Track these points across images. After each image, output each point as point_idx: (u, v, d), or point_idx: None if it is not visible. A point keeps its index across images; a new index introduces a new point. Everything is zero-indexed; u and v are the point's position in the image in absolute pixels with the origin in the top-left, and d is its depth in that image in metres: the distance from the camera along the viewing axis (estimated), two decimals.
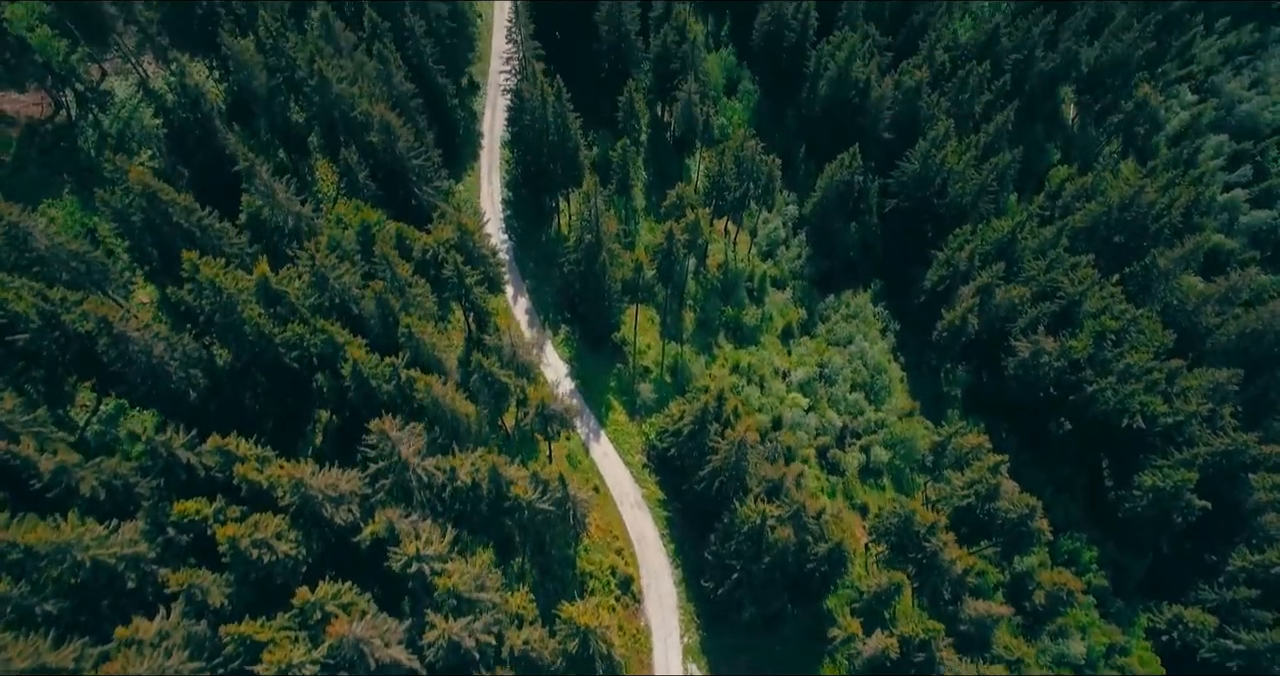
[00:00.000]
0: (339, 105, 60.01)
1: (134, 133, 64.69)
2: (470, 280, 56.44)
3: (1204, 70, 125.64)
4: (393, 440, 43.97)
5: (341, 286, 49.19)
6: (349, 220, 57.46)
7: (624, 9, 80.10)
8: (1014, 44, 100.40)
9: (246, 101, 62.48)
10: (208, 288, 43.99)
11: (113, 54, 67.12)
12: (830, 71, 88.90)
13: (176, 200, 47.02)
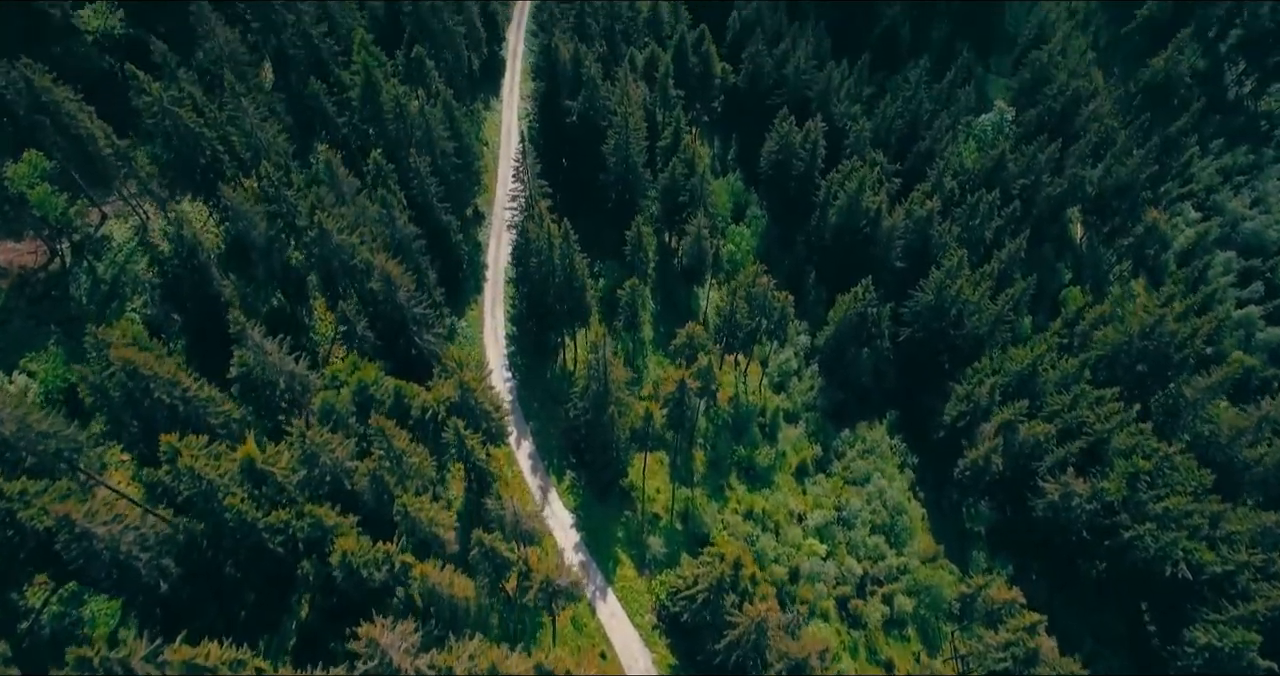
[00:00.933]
0: (339, 254, 57.92)
1: (128, 279, 62.56)
2: (472, 442, 52.86)
3: (1204, 189, 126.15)
4: (383, 646, 39.34)
5: (333, 463, 45.51)
6: (345, 378, 54.39)
7: (631, 142, 79.61)
8: (1020, 169, 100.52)
9: (245, 247, 60.43)
10: (186, 475, 40.35)
11: (114, 197, 65.76)
12: (840, 201, 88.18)
13: (159, 372, 43.89)
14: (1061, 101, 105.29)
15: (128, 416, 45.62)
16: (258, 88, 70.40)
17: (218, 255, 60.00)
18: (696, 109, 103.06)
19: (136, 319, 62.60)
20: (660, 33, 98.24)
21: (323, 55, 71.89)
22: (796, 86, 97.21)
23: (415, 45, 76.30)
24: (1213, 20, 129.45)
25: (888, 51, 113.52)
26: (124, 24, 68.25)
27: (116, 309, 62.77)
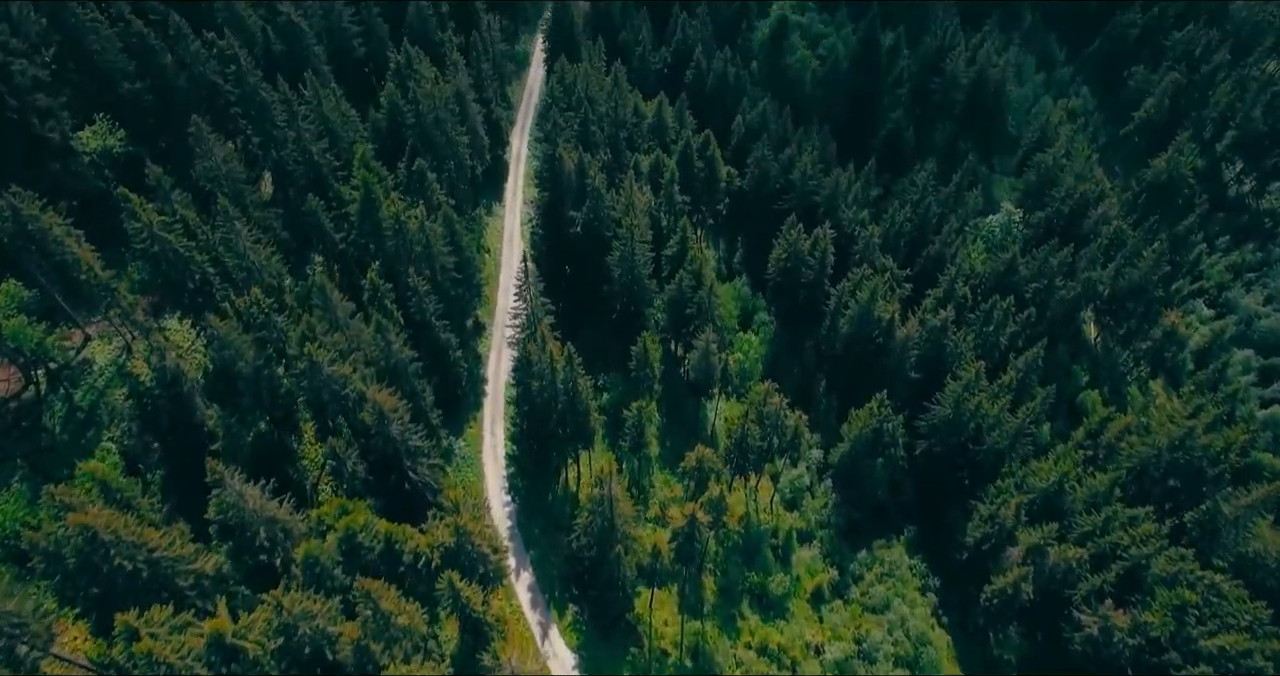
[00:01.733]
0: (330, 384, 54.68)
1: (106, 407, 59.17)
2: (468, 594, 48.41)
3: (1215, 286, 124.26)
4: None
5: (314, 631, 41.04)
6: (331, 522, 50.36)
7: (637, 253, 77.59)
8: (1031, 272, 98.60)
9: (231, 377, 57.23)
10: (143, 659, 35.91)
11: (99, 318, 63.01)
12: (852, 311, 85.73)
13: (123, 535, 39.90)
14: (1070, 204, 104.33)
15: (83, 581, 41.38)
16: (255, 203, 68.65)
17: (202, 384, 56.68)
18: (701, 211, 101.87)
19: (113, 449, 59.04)
20: (665, 137, 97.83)
21: (322, 171, 70.45)
22: (803, 192, 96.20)
23: (417, 158, 75.11)
24: (1207, 122, 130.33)
25: (892, 153, 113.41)
26: (123, 142, 66.99)
27: (93, 438, 59.22)
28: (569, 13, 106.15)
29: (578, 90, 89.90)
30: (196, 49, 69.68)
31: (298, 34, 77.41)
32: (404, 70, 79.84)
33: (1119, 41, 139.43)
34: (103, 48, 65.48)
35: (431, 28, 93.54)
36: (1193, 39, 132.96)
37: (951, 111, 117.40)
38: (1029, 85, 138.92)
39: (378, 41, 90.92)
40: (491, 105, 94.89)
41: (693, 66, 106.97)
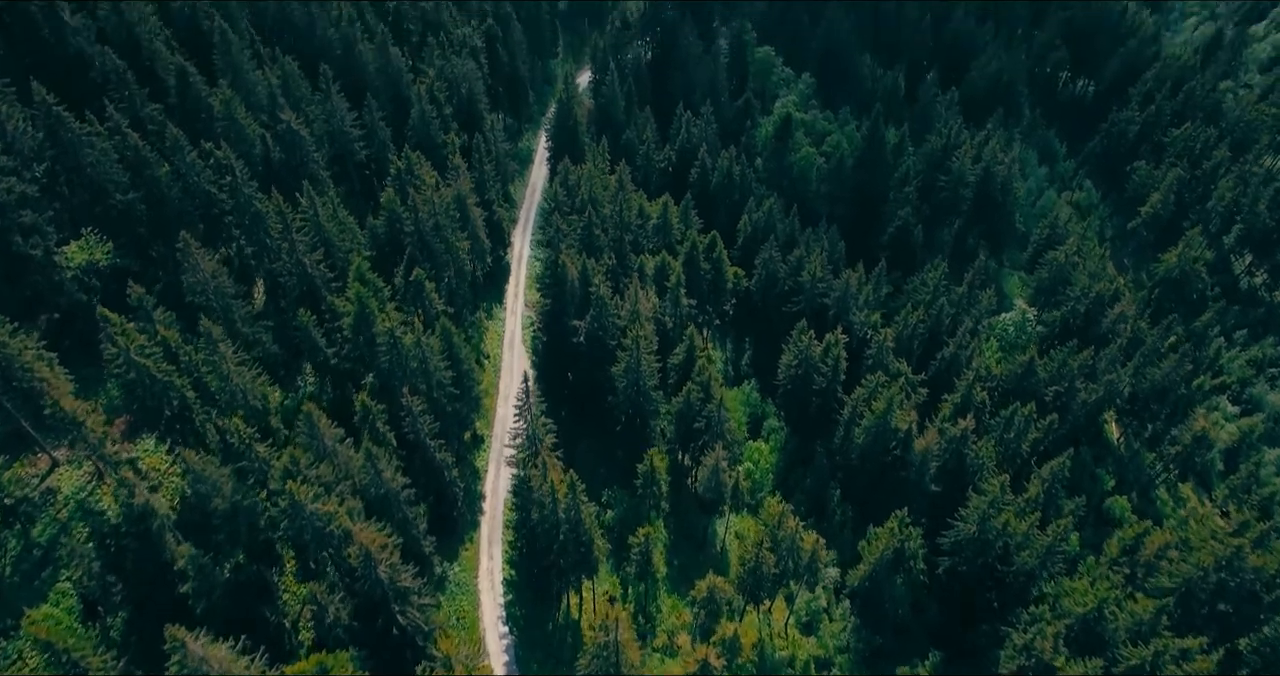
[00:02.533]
0: (313, 521, 50.28)
1: (67, 543, 54.47)
2: None
3: (1237, 381, 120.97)
4: None
5: None
6: None
7: (642, 364, 74.13)
8: (1050, 375, 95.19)
9: (206, 512, 52.86)
10: None
11: (67, 442, 59.01)
12: (867, 421, 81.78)
13: None
14: (1085, 303, 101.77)
15: None
16: (245, 317, 65.59)
17: (173, 519, 52.31)
18: (708, 312, 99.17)
19: (70, 590, 54.13)
20: (670, 238, 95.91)
21: (316, 283, 67.75)
22: (813, 294, 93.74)
23: (415, 268, 72.57)
24: (1213, 216, 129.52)
25: (901, 250, 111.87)
26: (110, 255, 64.48)
27: (48, 579, 54.34)
28: (572, 112, 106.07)
29: (581, 192, 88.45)
30: (192, 159, 67.96)
31: (297, 142, 76.12)
32: (404, 176, 78.30)
33: (1118, 138, 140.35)
34: (97, 160, 63.69)
35: (434, 130, 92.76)
36: (1192, 136, 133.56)
37: (959, 208, 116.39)
38: (1032, 179, 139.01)
39: (380, 145, 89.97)
40: (493, 206, 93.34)
41: (697, 165, 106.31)
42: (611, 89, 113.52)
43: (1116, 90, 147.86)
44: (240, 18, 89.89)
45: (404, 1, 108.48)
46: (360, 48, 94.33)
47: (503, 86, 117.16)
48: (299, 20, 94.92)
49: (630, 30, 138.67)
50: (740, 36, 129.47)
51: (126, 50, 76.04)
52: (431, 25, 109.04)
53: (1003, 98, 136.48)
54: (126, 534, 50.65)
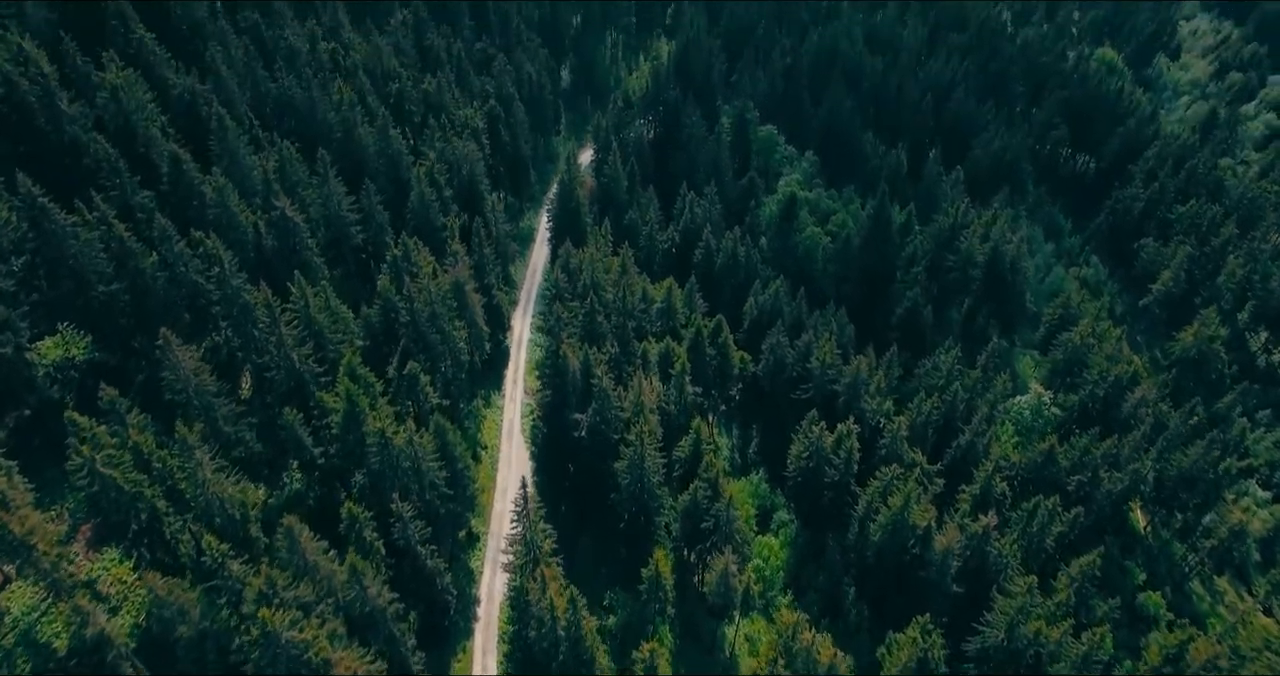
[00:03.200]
0: (289, 651, 45.72)
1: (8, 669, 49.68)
2: None
3: (1265, 464, 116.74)
4: None
5: None
6: None
7: (647, 460, 70.26)
8: (1071, 464, 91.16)
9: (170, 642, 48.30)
10: None
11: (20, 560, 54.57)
12: (883, 517, 77.34)
13: None
14: (1104, 388, 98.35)
15: None
16: (227, 416, 62.05)
17: (131, 648, 47.75)
18: (713, 397, 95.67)
19: None
20: (673, 323, 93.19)
21: (304, 378, 64.48)
22: (823, 382, 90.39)
23: (409, 361, 69.45)
24: (1225, 293, 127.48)
25: (911, 331, 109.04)
26: (87, 350, 61.39)
27: None
28: (574, 193, 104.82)
29: (583, 277, 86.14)
30: (180, 249, 65.61)
31: (290, 229, 74.07)
32: (400, 263, 75.93)
33: (1124, 215, 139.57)
34: (80, 251, 61.29)
35: (434, 212, 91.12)
36: (1198, 214, 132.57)
37: (968, 287, 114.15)
38: (1039, 255, 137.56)
39: (377, 228, 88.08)
40: (493, 290, 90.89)
41: (701, 246, 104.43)
42: (614, 169, 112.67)
43: (1118, 167, 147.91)
44: (240, 102, 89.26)
45: (406, 83, 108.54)
46: (360, 131, 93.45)
47: (504, 166, 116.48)
48: (300, 104, 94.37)
49: (633, 109, 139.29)
50: (743, 115, 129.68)
51: (122, 137, 74.74)
52: (434, 107, 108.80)
53: (1006, 175, 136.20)
54: (79, 664, 46.00)
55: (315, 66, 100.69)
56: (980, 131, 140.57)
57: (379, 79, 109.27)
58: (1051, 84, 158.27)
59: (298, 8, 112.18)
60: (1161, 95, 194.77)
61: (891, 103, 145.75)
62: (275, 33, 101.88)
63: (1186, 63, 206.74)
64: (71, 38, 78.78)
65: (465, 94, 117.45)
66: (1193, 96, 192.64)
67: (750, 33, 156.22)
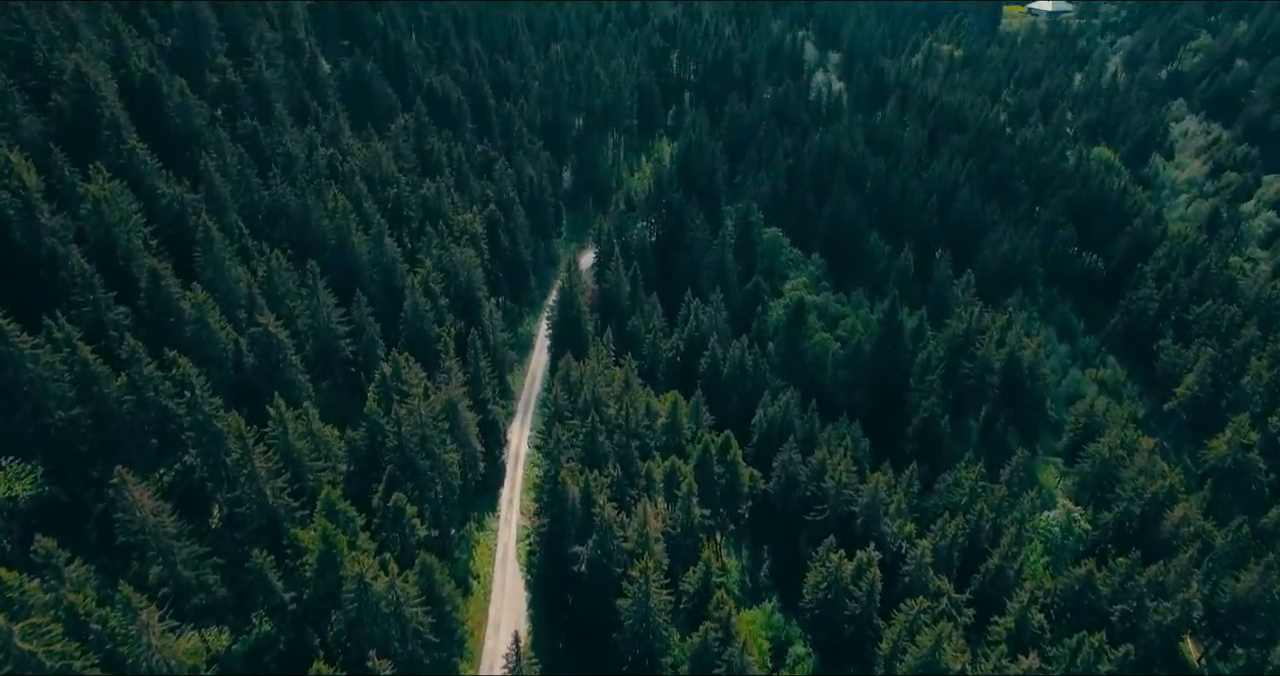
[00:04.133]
0: None
1: None
2: None
3: None
4: None
5: None
6: None
7: (652, 597, 63.63)
8: (1112, 591, 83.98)
9: None
10: None
11: None
12: (912, 657, 69.96)
13: None
14: (1140, 505, 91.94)
15: None
16: (189, 559, 55.93)
17: None
18: (722, 515, 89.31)
19: None
20: (679, 439, 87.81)
21: (278, 514, 58.79)
22: (838, 503, 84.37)
23: (394, 492, 63.86)
24: (1253, 396, 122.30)
25: (928, 443, 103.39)
26: (36, 484, 56.02)
27: None
28: (575, 301, 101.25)
29: (584, 392, 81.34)
30: (150, 372, 61.08)
31: (273, 347, 69.79)
32: (389, 382, 71.30)
33: (1138, 315, 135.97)
34: (38, 376, 56.76)
35: (428, 323, 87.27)
36: (1216, 314, 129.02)
37: (986, 395, 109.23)
38: (1054, 357, 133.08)
39: (369, 341, 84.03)
40: (489, 404, 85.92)
41: (707, 355, 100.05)
42: (616, 274, 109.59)
43: (1127, 266, 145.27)
44: (231, 210, 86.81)
45: (404, 189, 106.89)
46: (354, 239, 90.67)
47: (503, 271, 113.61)
48: (294, 211, 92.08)
49: (635, 211, 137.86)
50: (747, 217, 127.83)
51: (102, 250, 71.67)
52: (432, 212, 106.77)
53: (1017, 276, 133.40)
54: None
55: (312, 173, 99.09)
56: (987, 231, 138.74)
57: (377, 184, 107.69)
58: (1054, 183, 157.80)
59: (299, 114, 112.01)
60: (1161, 193, 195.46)
61: (896, 203, 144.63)
62: (274, 139, 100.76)
63: (1181, 162, 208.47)
64: (63, 148, 77.19)
65: (465, 198, 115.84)
66: (1191, 194, 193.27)
67: (751, 133, 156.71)
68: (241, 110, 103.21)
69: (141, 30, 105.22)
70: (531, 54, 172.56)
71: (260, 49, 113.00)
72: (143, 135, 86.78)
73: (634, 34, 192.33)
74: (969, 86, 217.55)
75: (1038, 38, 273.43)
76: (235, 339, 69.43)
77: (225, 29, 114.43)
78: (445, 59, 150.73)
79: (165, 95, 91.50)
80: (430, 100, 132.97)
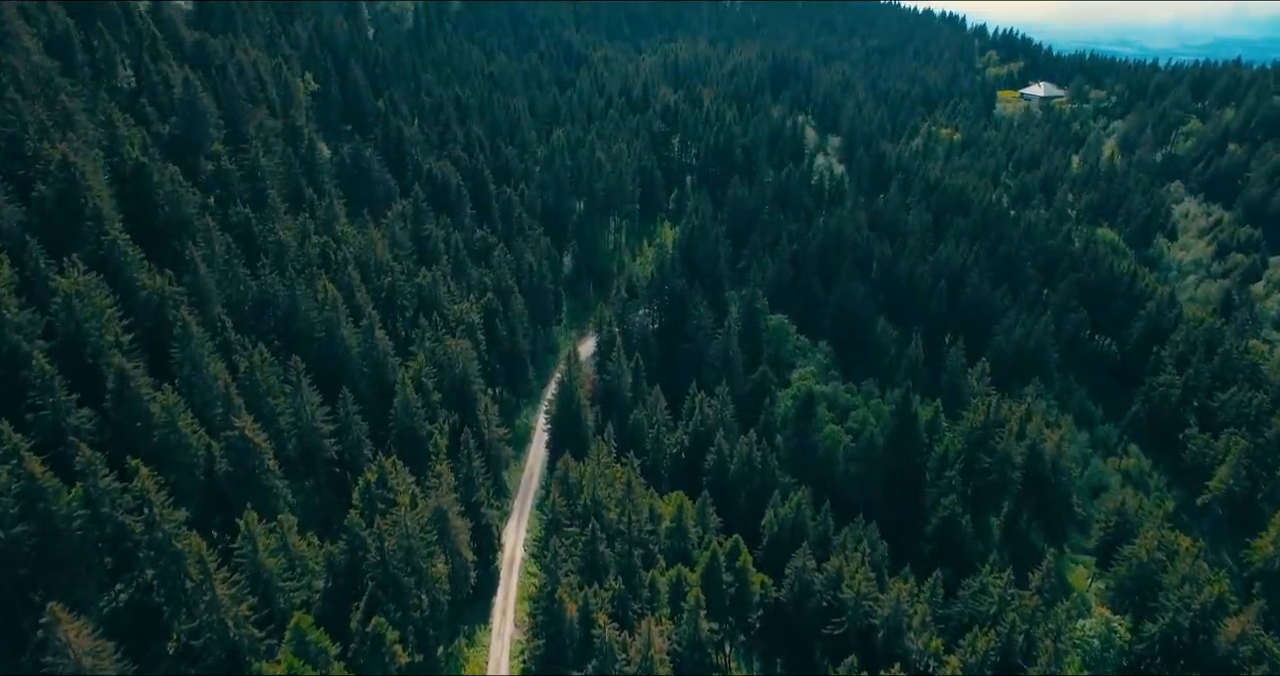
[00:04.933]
0: None
1: None
2: None
3: None
4: None
5: None
6: None
7: None
8: None
9: None
10: None
11: None
12: None
13: None
14: (1188, 616, 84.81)
15: None
16: None
17: None
18: (730, 624, 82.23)
19: None
20: (685, 543, 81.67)
21: (241, 645, 52.51)
22: (857, 614, 77.63)
23: (375, 614, 57.69)
24: None
25: (949, 541, 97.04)
26: None
27: None
28: (574, 395, 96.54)
29: (584, 496, 75.86)
30: (107, 484, 55.83)
31: (249, 452, 64.63)
32: (374, 490, 65.89)
33: (1160, 402, 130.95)
34: None
35: (418, 420, 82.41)
36: (1244, 402, 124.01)
37: (1008, 490, 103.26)
38: (1075, 446, 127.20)
39: (355, 440, 79.01)
40: (482, 508, 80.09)
41: (713, 451, 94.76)
42: (618, 365, 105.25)
43: (1142, 349, 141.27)
44: (215, 302, 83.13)
45: (399, 277, 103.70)
46: (344, 330, 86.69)
47: (500, 362, 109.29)
48: (282, 301, 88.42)
49: (636, 299, 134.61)
50: (752, 304, 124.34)
51: (71, 347, 67.33)
52: (427, 301, 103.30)
53: (1031, 362, 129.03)
54: None
55: (304, 262, 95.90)
56: (998, 316, 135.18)
57: (371, 272, 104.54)
58: (1063, 266, 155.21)
59: (294, 201, 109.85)
60: (1168, 275, 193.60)
61: (903, 287, 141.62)
62: (266, 227, 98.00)
63: (1186, 243, 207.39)
64: (42, 240, 74.08)
65: (462, 287, 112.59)
66: (1198, 275, 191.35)
67: (754, 217, 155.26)
68: (235, 197, 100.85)
69: (139, 118, 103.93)
70: (533, 138, 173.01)
71: (258, 136, 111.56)
72: (131, 225, 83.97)
73: (635, 119, 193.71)
74: (969, 169, 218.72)
75: (1033, 121, 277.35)
76: (208, 443, 64.38)
77: (225, 116, 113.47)
78: (446, 144, 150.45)
79: (156, 183, 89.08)
80: (430, 186, 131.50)
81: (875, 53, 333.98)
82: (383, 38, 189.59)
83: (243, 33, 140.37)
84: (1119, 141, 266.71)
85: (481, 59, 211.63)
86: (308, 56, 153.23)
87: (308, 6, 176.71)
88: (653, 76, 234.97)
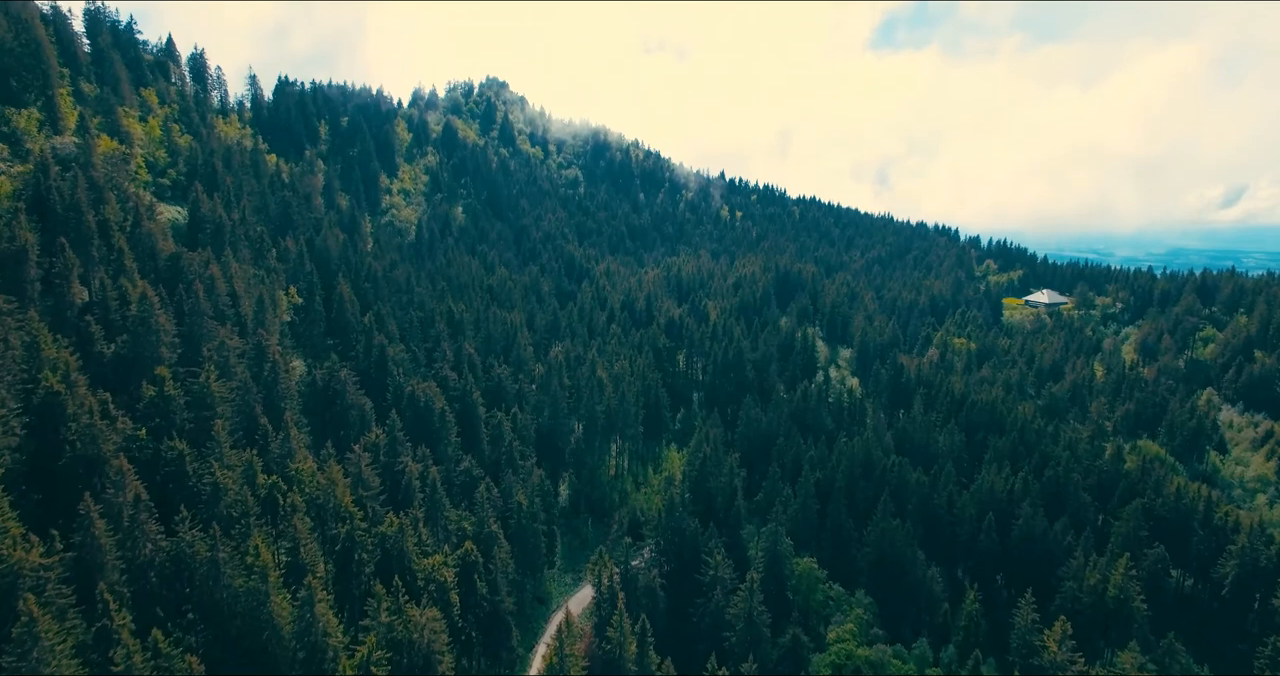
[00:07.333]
0: None
1: None
2: None
3: None
4: None
5: None
6: None
7: None
8: None
9: None
10: None
11: None
12: None
13: None
14: None
15: None
16: None
17: None
18: None
19: None
20: None
21: None
22: None
23: None
24: None
25: None
26: None
27: None
28: None
29: None
30: None
31: None
32: None
33: None
34: None
35: None
36: None
37: None
38: None
39: None
40: None
41: None
42: (619, 631, 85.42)
43: (1244, 593, 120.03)
44: (109, 570, 66.12)
45: (358, 526, 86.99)
46: (274, 603, 68.87)
47: (477, 628, 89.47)
48: (199, 567, 71.28)
49: (640, 540, 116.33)
50: (775, 546, 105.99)
51: None
52: (391, 556, 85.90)
53: (1115, 615, 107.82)
54: None
55: (240, 510, 79.85)
56: (1063, 557, 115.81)
57: (330, 518, 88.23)
58: (1119, 489, 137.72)
59: (247, 431, 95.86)
60: (1230, 492, 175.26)
61: (944, 521, 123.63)
62: (201, 465, 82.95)
63: (1240, 457, 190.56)
64: None
65: (436, 535, 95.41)
66: (1269, 495, 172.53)
67: (770, 441, 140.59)
68: (173, 428, 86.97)
69: (82, 339, 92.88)
70: (530, 355, 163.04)
71: (213, 357, 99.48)
72: (24, 473, 69.47)
73: (639, 334, 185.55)
74: (992, 381, 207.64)
75: (1044, 329, 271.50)
76: None
77: (183, 335, 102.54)
78: (435, 362, 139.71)
79: (70, 416, 75.56)
80: (411, 410, 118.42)
81: (875, 263, 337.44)
82: (379, 250, 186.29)
83: (228, 246, 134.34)
84: (1138, 348, 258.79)
85: (481, 272, 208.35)
86: (295, 270, 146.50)
87: (309, 219, 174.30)
88: (656, 290, 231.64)
